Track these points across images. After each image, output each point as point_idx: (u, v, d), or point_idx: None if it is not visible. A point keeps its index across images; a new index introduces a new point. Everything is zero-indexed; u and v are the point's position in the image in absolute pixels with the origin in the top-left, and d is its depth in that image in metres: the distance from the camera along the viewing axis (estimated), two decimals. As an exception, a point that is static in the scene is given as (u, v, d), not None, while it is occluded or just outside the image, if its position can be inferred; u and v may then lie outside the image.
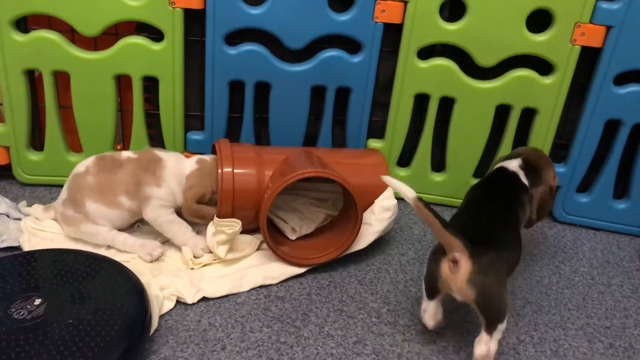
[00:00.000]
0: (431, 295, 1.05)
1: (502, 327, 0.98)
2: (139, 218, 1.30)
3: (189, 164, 1.30)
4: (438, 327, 1.09)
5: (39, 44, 1.37)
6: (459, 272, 0.97)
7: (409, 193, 0.99)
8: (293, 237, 1.36)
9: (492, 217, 1.11)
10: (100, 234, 1.25)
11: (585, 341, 1.17)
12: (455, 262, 0.98)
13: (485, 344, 0.97)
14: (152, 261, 1.24)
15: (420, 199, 0.98)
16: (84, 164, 1.28)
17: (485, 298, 0.96)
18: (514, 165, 1.24)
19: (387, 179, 1.05)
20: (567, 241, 1.53)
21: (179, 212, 1.30)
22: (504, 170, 1.24)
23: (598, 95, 1.44)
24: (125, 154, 1.29)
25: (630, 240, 1.56)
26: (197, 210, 1.26)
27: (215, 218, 1.27)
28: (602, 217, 1.58)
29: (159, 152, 1.30)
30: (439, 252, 1.01)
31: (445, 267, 0.99)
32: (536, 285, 1.33)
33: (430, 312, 1.06)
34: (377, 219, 1.33)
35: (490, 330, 0.97)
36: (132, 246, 1.25)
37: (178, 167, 1.28)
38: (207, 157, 1.33)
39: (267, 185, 1.27)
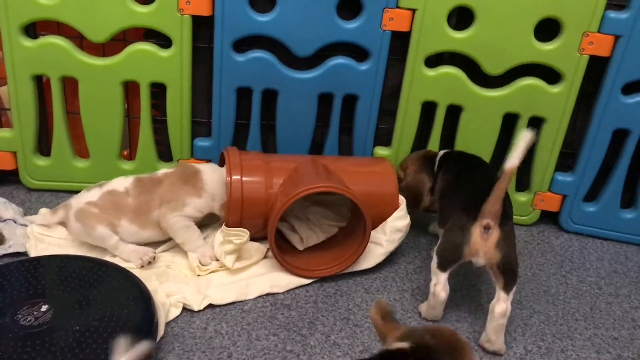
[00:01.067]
0: (447, 266, 1.14)
1: (514, 289, 1.10)
2: (164, 239, 1.31)
3: (224, 170, 1.31)
4: (446, 301, 1.16)
5: (47, 50, 1.38)
6: (489, 238, 1.09)
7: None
8: (301, 248, 1.36)
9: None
10: (112, 239, 1.25)
11: (593, 352, 1.16)
12: (487, 228, 1.09)
13: (504, 302, 1.09)
14: (142, 266, 1.24)
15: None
16: (122, 183, 1.28)
17: (507, 260, 1.09)
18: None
19: None
20: (574, 250, 1.53)
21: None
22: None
23: (606, 104, 1.43)
24: (162, 171, 1.31)
25: (638, 250, 1.55)
26: None
27: (224, 227, 1.27)
28: (610, 226, 1.57)
29: (197, 165, 1.32)
30: (467, 221, 1.10)
31: (477, 233, 1.09)
32: (543, 295, 1.32)
33: (442, 283, 1.14)
34: (388, 239, 1.32)
35: (508, 290, 1.10)
36: (127, 253, 1.26)
37: (216, 178, 1.31)
38: None
39: (276, 196, 1.27)
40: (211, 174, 1.31)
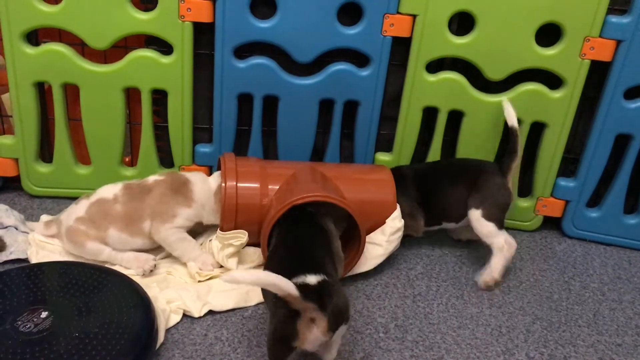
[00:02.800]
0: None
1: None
2: (156, 247, 1.30)
3: (213, 181, 1.31)
4: None
5: (49, 57, 1.38)
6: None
7: None
8: None
9: None
10: (104, 252, 1.24)
11: (596, 359, 1.15)
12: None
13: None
14: (144, 275, 1.23)
15: None
16: (111, 190, 1.28)
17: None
18: None
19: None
20: (577, 256, 1.52)
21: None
22: None
23: (608, 109, 1.43)
24: (152, 178, 1.30)
25: (642, 256, 1.54)
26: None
27: (220, 232, 1.27)
28: (613, 232, 1.56)
29: (186, 174, 1.32)
30: None
31: None
32: (546, 301, 1.31)
33: None
34: (387, 240, 1.32)
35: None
36: (127, 261, 1.25)
37: (205, 187, 1.30)
38: None
39: (271, 202, 1.26)
40: (201, 184, 1.30)
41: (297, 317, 0.91)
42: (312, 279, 0.94)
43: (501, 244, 1.33)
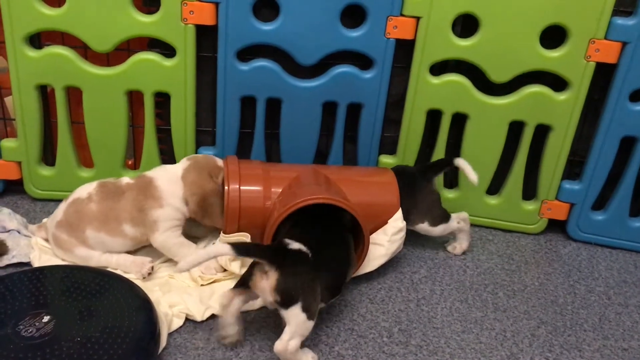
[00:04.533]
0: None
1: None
2: (142, 246, 1.29)
3: (179, 165, 1.29)
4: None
5: (52, 60, 1.38)
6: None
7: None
8: None
9: None
10: (93, 258, 1.24)
11: (602, 363, 1.14)
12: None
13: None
14: (143, 278, 1.23)
15: None
16: (86, 189, 1.26)
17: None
18: None
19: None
20: (582, 259, 1.51)
21: (186, 234, 1.29)
22: None
23: (613, 111, 1.42)
24: (125, 179, 1.28)
25: (648, 259, 1.53)
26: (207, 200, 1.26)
27: (222, 235, 1.26)
28: (618, 235, 1.55)
29: (149, 173, 1.28)
30: None
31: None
32: (551, 305, 1.30)
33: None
34: (389, 240, 1.31)
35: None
36: (125, 265, 1.24)
37: (168, 176, 1.27)
38: (199, 155, 1.34)
39: (274, 205, 1.26)
40: (164, 177, 1.26)
41: (256, 266, 1.04)
42: (294, 245, 1.06)
43: (456, 226, 1.43)
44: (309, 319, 1.01)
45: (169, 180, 1.26)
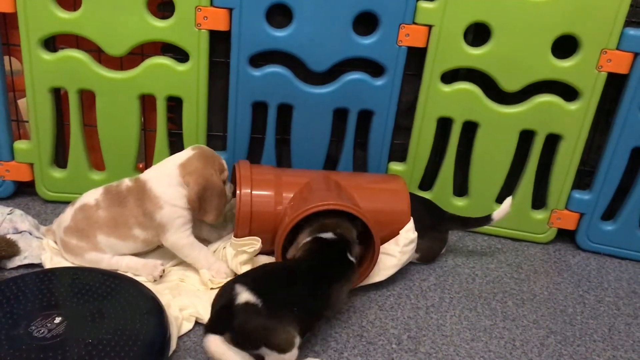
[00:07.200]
0: None
1: None
2: (154, 247, 1.30)
3: (182, 153, 1.27)
4: None
5: (66, 63, 1.39)
6: None
7: None
8: None
9: None
10: (104, 261, 1.24)
11: (611, 374, 1.14)
12: None
13: None
14: (155, 280, 1.23)
15: None
16: (92, 195, 1.27)
17: None
18: None
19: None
20: (591, 270, 1.50)
21: (198, 238, 1.29)
22: None
23: (624, 122, 1.42)
24: (125, 183, 1.27)
25: (657, 271, 1.53)
26: (213, 187, 1.24)
27: (233, 239, 1.27)
28: (628, 245, 1.55)
29: (142, 176, 1.27)
30: None
31: None
32: (560, 315, 1.30)
33: None
34: (401, 251, 1.31)
35: None
36: (136, 268, 1.25)
37: (160, 175, 1.25)
38: (204, 146, 1.32)
39: (285, 210, 1.26)
40: (157, 177, 1.25)
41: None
42: (242, 297, 0.99)
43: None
44: (282, 353, 0.98)
45: (161, 179, 1.24)
